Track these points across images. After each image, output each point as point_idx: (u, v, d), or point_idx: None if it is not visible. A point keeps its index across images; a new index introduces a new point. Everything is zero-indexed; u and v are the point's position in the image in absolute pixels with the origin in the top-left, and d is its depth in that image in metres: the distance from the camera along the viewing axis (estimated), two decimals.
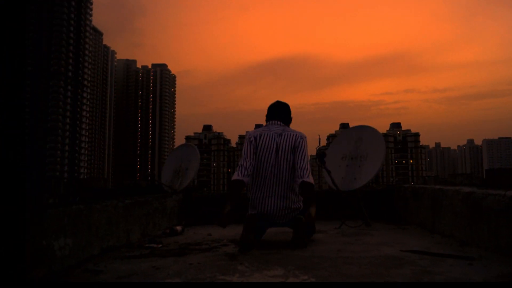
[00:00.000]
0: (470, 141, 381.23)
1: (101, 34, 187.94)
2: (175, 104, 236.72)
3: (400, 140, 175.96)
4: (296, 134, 4.25)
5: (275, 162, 4.15)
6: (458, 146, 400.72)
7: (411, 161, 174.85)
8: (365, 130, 5.99)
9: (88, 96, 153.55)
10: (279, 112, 4.41)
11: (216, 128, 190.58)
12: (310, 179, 4.04)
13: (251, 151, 4.19)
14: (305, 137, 4.28)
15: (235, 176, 4.09)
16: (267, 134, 4.25)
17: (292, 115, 4.48)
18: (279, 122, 4.35)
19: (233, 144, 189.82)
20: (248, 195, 4.31)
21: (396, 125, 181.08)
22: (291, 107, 4.51)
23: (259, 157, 4.18)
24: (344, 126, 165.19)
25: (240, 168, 4.13)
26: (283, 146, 4.18)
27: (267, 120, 4.43)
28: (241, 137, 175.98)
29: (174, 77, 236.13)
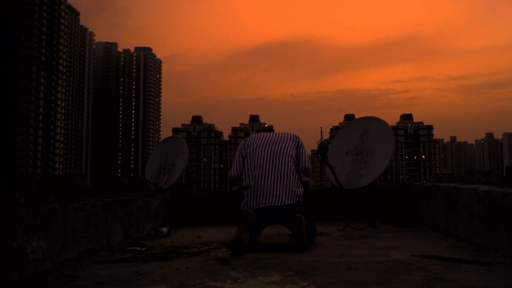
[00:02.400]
0: (489, 135, 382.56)
1: (77, 13, 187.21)
2: (160, 92, 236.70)
3: (412, 134, 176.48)
4: (291, 134, 4.75)
5: (270, 147, 4.51)
6: (476, 141, 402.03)
7: (423, 156, 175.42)
8: (372, 122, 6.01)
9: (64, 83, 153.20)
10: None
11: (206, 120, 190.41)
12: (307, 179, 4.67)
13: (238, 158, 4.66)
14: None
15: (232, 188, 4.79)
16: (259, 133, 4.73)
17: (291, 106, 4.81)
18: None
19: (226, 137, 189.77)
20: (242, 185, 4.50)
21: (407, 117, 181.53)
22: (290, 96, 4.79)
23: (252, 149, 4.53)
24: (349, 117, 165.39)
25: (232, 182, 4.71)
26: (280, 138, 4.60)
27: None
28: (234, 130, 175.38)
29: (159, 62, 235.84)
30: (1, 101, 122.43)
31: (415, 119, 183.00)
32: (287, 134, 4.72)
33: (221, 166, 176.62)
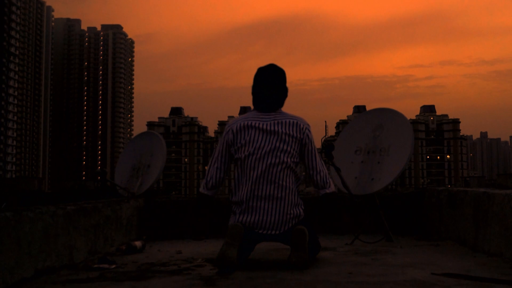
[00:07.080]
0: None
1: None
2: (133, 79, 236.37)
3: (434, 129, 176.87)
4: (297, 122, 4.35)
5: (266, 157, 4.22)
6: (511, 137, 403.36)
7: (448, 156, 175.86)
8: (386, 115, 6.02)
9: (17, 68, 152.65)
10: (270, 86, 4.45)
11: (188, 112, 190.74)
12: (332, 187, 4.49)
13: (222, 153, 4.47)
14: (309, 125, 4.41)
15: (200, 188, 4.58)
16: (252, 124, 4.35)
17: (291, 95, 4.52)
18: (269, 102, 4.41)
19: (211, 133, 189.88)
20: (230, 199, 4.35)
21: (428, 109, 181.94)
22: (288, 84, 4.55)
23: (242, 153, 4.28)
24: (359, 109, 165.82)
25: (205, 178, 4.56)
26: (278, 137, 4.27)
27: (254, 102, 4.48)
28: (221, 124, 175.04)
29: (131, 42, 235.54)
30: None
31: (438, 112, 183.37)
32: (292, 126, 4.32)
33: (206, 167, 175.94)
